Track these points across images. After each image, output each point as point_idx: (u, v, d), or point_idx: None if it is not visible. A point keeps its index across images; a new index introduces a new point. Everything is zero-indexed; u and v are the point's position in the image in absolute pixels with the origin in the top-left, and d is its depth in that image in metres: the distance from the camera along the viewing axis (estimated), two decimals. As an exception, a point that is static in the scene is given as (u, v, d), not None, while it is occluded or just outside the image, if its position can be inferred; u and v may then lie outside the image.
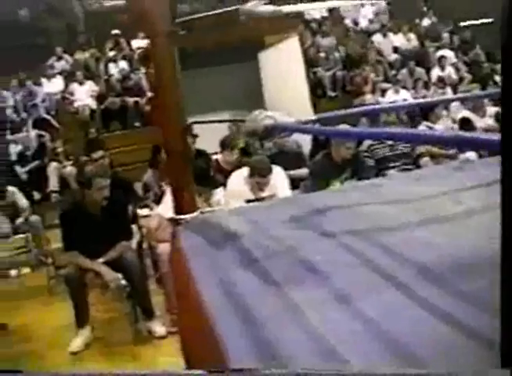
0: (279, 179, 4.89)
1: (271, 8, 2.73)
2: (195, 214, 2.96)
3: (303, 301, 1.60)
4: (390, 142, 5.79)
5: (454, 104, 8.45)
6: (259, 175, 4.67)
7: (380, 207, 2.57)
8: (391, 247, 1.95)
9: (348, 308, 1.53)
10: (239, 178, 4.85)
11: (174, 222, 2.99)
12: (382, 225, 2.24)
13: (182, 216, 2.93)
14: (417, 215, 2.33)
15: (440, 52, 12.86)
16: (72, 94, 12.00)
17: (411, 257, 1.83)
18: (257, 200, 4.62)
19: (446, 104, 7.23)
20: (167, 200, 3.84)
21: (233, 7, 2.68)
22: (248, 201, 4.61)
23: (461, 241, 1.94)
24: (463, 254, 1.80)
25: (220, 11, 2.80)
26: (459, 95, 8.72)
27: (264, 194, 4.72)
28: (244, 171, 4.83)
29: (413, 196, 2.71)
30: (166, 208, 4.11)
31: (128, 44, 13.14)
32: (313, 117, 2.58)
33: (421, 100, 8.12)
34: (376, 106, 6.50)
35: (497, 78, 12.19)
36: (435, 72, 12.20)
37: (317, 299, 1.61)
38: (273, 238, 2.29)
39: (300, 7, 3.03)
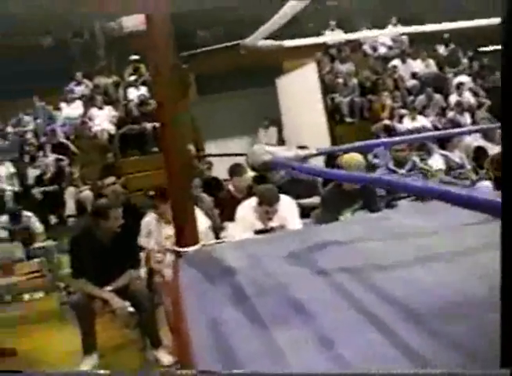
0: (288, 209, 4.85)
1: (272, 43, 2.74)
2: (196, 246, 2.96)
3: (285, 343, 1.60)
4: (402, 171, 5.76)
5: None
6: (267, 204, 4.64)
7: (380, 243, 2.56)
8: (382, 287, 1.94)
9: (329, 351, 1.52)
10: (247, 208, 4.83)
11: (176, 254, 3.00)
12: (378, 262, 2.23)
13: (183, 249, 2.94)
14: (415, 252, 2.32)
15: (458, 78, 12.81)
16: (91, 119, 12.07)
17: (400, 298, 1.81)
18: (265, 230, 4.61)
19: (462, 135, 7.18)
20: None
21: (234, 42, 2.69)
22: (257, 232, 4.60)
23: (454, 282, 1.93)
24: (453, 296, 1.78)
25: (221, 45, 2.81)
26: (476, 127, 8.64)
27: (273, 224, 4.70)
28: (253, 200, 4.81)
29: (416, 231, 2.70)
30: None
31: (148, 69, 13.22)
32: (314, 152, 2.57)
33: (435, 132, 8.04)
34: (385, 140, 6.46)
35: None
36: (453, 98, 12.14)
37: (299, 341, 1.60)
38: (268, 274, 2.29)
39: (302, 41, 3.01)
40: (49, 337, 5.71)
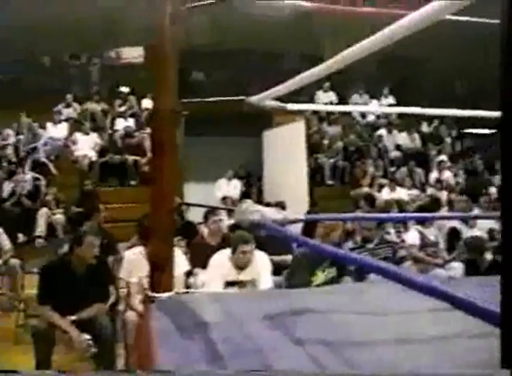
0: (262, 265, 4.84)
1: (277, 104, 2.79)
2: (170, 293, 2.93)
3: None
4: (370, 246, 5.82)
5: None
6: (242, 242, 4.62)
7: (357, 317, 2.56)
8: (357, 365, 1.94)
9: None
10: (222, 257, 4.81)
11: (149, 298, 2.97)
12: (354, 339, 2.23)
13: (158, 294, 2.91)
14: (390, 332, 2.32)
15: (440, 157, 13.05)
16: (74, 142, 12.06)
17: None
18: (237, 282, 4.60)
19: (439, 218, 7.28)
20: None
21: (239, 97, 2.73)
22: (228, 283, 4.58)
23: (427, 367, 1.93)
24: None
25: (225, 98, 2.85)
26: (452, 214, 8.74)
27: (245, 277, 4.68)
28: (228, 251, 4.81)
29: (392, 309, 2.69)
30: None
31: (139, 102, 13.28)
32: (302, 217, 2.60)
33: (416, 215, 8.04)
34: (371, 215, 6.55)
35: (492, 190, 11.97)
36: (434, 175, 12.35)
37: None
38: (244, 336, 2.27)
39: (305, 106, 3.08)
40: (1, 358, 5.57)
